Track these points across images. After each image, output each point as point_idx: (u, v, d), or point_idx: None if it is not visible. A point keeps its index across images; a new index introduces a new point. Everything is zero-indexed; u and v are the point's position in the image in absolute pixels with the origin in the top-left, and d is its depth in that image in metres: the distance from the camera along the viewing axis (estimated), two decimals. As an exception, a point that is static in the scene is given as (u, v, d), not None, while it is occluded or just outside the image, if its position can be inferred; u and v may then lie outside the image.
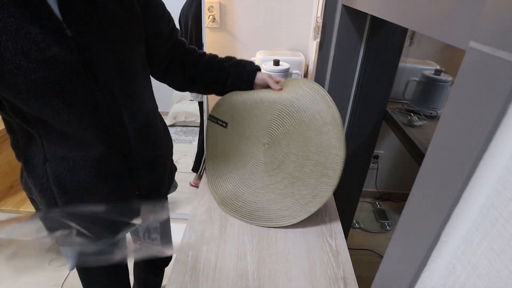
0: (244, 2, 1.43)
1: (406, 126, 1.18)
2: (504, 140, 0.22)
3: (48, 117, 0.54)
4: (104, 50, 0.56)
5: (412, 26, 0.48)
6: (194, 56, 0.81)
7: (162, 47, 0.73)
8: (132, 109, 0.65)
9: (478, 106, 0.24)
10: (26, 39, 0.47)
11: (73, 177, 0.60)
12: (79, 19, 0.53)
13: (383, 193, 1.98)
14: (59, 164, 0.59)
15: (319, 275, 0.59)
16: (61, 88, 0.52)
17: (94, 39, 0.55)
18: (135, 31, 0.63)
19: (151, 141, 0.73)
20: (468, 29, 0.31)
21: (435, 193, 0.30)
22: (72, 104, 0.54)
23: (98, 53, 0.55)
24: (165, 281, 1.25)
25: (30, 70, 0.48)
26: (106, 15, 0.56)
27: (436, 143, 0.30)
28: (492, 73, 0.23)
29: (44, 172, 0.59)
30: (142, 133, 0.69)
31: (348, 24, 1.06)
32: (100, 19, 0.55)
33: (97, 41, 0.55)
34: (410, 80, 1.34)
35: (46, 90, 0.51)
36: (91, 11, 0.54)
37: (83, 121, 0.57)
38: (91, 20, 0.54)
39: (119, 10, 0.58)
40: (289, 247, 0.64)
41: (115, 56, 0.58)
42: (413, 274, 0.32)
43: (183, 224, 0.74)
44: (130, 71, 0.63)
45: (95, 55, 0.55)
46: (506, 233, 0.22)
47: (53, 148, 0.58)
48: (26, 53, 0.47)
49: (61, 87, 0.52)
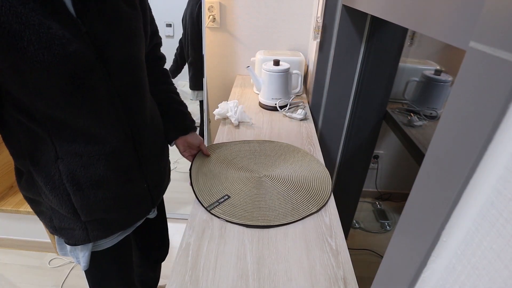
0: (244, 2, 1.43)
1: (406, 126, 1.18)
2: (504, 140, 0.22)
3: (64, 114, 0.55)
4: (115, 45, 0.58)
5: (412, 26, 0.48)
6: (157, 71, 0.85)
7: (146, 46, 0.75)
8: (142, 101, 0.68)
9: (478, 106, 0.24)
10: (48, 34, 0.48)
11: (87, 172, 0.61)
12: (91, 15, 0.54)
13: (383, 193, 1.98)
14: (72, 160, 0.59)
15: (319, 275, 0.59)
16: (81, 83, 0.54)
17: (106, 34, 0.56)
18: (139, 27, 0.65)
19: (159, 132, 0.78)
20: (468, 29, 0.31)
21: (435, 193, 0.30)
22: (91, 99, 0.56)
23: (110, 48, 0.57)
24: (165, 281, 1.25)
25: (53, 65, 0.49)
26: (114, 11, 0.58)
27: (436, 143, 0.30)
28: (492, 73, 0.23)
29: (56, 170, 0.59)
30: (151, 124, 0.73)
31: (348, 24, 1.06)
32: (109, 15, 0.57)
33: (109, 36, 0.57)
34: (410, 80, 1.34)
35: (67, 85, 0.52)
36: (101, 7, 0.56)
37: (100, 115, 0.59)
38: (102, 16, 0.56)
39: (124, 6, 0.61)
40: (289, 247, 0.64)
41: (125, 51, 0.61)
42: (413, 274, 0.32)
43: (183, 224, 0.74)
44: (137, 65, 0.66)
45: (107, 50, 0.57)
46: (506, 233, 0.22)
47: (65, 145, 0.58)
48: (49, 48, 0.48)
49: (81, 82, 0.54)
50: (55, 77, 0.50)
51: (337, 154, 1.37)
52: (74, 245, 0.69)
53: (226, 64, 1.60)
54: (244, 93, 1.42)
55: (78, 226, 0.65)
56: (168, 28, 1.50)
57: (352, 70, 1.16)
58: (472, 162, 0.25)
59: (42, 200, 0.64)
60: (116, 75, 0.59)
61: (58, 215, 0.65)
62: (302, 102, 1.32)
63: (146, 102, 0.70)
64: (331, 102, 1.24)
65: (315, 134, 1.09)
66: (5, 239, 1.60)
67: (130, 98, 0.64)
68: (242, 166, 0.89)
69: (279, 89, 1.22)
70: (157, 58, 0.85)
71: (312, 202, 0.77)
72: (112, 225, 0.71)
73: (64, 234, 0.67)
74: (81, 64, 0.52)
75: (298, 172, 0.87)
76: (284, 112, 1.22)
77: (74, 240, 0.67)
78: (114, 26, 0.58)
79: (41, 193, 0.63)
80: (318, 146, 1.02)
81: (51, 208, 0.64)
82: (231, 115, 1.13)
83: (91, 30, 0.54)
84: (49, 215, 0.66)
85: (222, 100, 1.21)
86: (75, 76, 0.52)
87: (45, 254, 1.58)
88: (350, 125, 1.29)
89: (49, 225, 0.67)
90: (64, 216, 0.64)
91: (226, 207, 0.74)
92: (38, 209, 0.68)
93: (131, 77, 0.64)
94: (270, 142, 1.02)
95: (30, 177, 0.62)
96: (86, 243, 0.69)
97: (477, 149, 0.24)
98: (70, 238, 0.67)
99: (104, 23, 0.56)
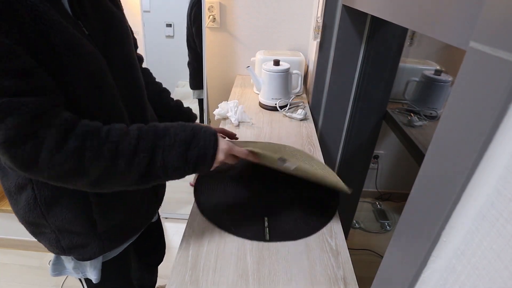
0: (244, 2, 1.43)
1: (406, 126, 1.18)
2: (504, 140, 0.22)
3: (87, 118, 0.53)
4: (113, 46, 0.58)
5: (412, 26, 0.48)
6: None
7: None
8: (143, 101, 0.68)
9: (478, 106, 0.24)
10: (69, 33, 0.47)
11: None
12: (88, 17, 0.54)
13: (383, 193, 1.98)
14: None
15: (319, 275, 0.59)
16: (101, 83, 0.54)
17: (104, 36, 0.56)
18: (128, 27, 0.66)
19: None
20: (468, 29, 0.31)
21: (435, 193, 0.30)
22: (109, 100, 0.56)
23: (110, 49, 0.57)
24: (165, 281, 1.25)
25: (77, 66, 0.49)
26: (107, 12, 0.59)
27: (436, 143, 0.30)
28: (492, 73, 0.23)
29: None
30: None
31: (348, 24, 1.06)
32: (103, 17, 0.57)
33: (106, 38, 0.57)
34: (410, 80, 1.34)
35: (92, 85, 0.52)
36: (95, 10, 0.56)
37: (115, 118, 0.58)
38: (98, 18, 0.56)
39: (113, 8, 0.61)
40: (289, 247, 0.64)
41: (121, 52, 0.61)
42: (413, 274, 0.32)
43: (183, 224, 0.74)
44: (134, 65, 0.66)
45: (108, 50, 0.57)
46: (506, 233, 0.22)
47: None
48: (72, 49, 0.48)
49: (101, 82, 0.54)
50: (79, 79, 0.50)
51: (337, 154, 1.37)
52: (88, 260, 0.66)
53: (226, 64, 1.60)
54: (244, 93, 1.42)
55: (92, 240, 0.63)
56: (168, 28, 1.50)
57: (352, 70, 1.16)
58: (472, 162, 0.24)
59: (45, 223, 0.59)
60: (119, 76, 0.59)
61: (68, 234, 0.61)
62: (302, 102, 1.32)
63: (146, 102, 0.70)
64: (331, 102, 1.24)
65: (315, 134, 1.09)
66: (5, 239, 1.60)
67: (133, 99, 0.64)
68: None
69: (279, 89, 1.22)
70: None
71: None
72: (125, 231, 0.70)
73: (75, 252, 0.64)
74: (97, 64, 0.52)
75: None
76: (284, 112, 1.22)
77: (88, 255, 0.64)
78: (109, 27, 0.58)
79: (46, 214, 0.58)
80: (318, 146, 1.02)
81: (58, 229, 0.60)
82: (231, 115, 1.13)
83: (92, 31, 0.54)
84: (54, 237, 0.61)
85: (222, 100, 1.21)
86: (97, 76, 0.53)
87: (45, 254, 1.58)
88: (350, 125, 1.29)
89: (55, 246, 0.63)
90: (76, 233, 0.61)
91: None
92: (39, 231, 0.62)
93: (131, 77, 0.64)
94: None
95: (32, 198, 0.57)
96: (100, 255, 0.67)
97: (477, 149, 0.24)
98: (82, 254, 0.64)
99: (101, 25, 0.56)
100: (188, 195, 1.77)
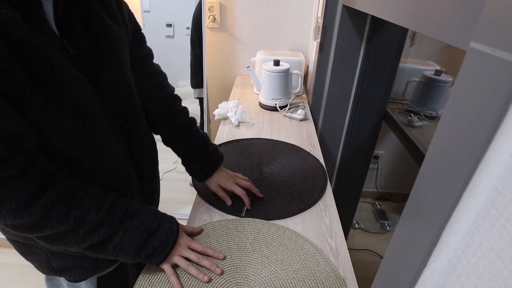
0: (244, 2, 1.43)
1: (406, 126, 1.18)
2: (504, 140, 0.22)
3: (73, 149, 0.50)
4: (105, 66, 0.54)
5: (413, 26, 0.48)
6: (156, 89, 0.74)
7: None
8: (138, 123, 0.64)
9: (479, 107, 0.24)
10: (46, 56, 0.43)
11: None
12: (77, 35, 0.49)
13: (383, 193, 1.98)
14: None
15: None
16: (84, 110, 0.49)
17: (95, 55, 0.51)
18: (125, 43, 0.60)
19: (154, 146, 0.73)
20: (469, 29, 0.31)
21: (435, 193, 0.30)
22: (93, 130, 0.52)
23: (100, 70, 0.53)
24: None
25: (55, 93, 0.44)
26: (102, 28, 0.53)
27: (436, 143, 0.30)
28: (493, 73, 0.23)
29: None
30: (150, 142, 0.69)
31: (348, 24, 1.06)
32: (97, 33, 0.52)
33: (98, 56, 0.52)
34: (410, 81, 1.34)
35: (75, 116, 0.48)
36: (87, 26, 0.50)
37: (109, 147, 0.54)
38: (89, 35, 0.51)
39: (110, 22, 0.55)
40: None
41: (115, 71, 0.56)
42: (413, 274, 0.32)
43: (183, 224, 0.74)
44: (129, 84, 0.61)
45: (98, 72, 0.52)
46: (506, 233, 0.22)
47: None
48: (52, 72, 0.43)
49: (88, 110, 0.49)
50: (59, 108, 0.46)
51: (337, 154, 1.37)
52: (80, 281, 0.62)
53: (226, 64, 1.60)
54: (244, 93, 1.42)
55: (86, 262, 0.60)
56: (168, 28, 1.50)
57: (352, 70, 1.16)
58: (472, 162, 0.25)
59: (37, 244, 0.56)
60: (110, 98, 0.55)
61: (60, 256, 0.58)
62: (302, 102, 1.32)
63: (142, 122, 0.66)
64: (331, 102, 1.24)
65: (315, 134, 1.09)
66: (5, 239, 1.60)
67: (127, 122, 0.59)
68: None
69: (279, 89, 1.22)
70: (160, 86, 0.75)
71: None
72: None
73: (66, 273, 0.61)
74: (81, 92, 0.48)
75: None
76: (284, 112, 1.22)
77: (80, 276, 0.61)
78: (102, 45, 0.53)
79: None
80: (318, 146, 1.02)
81: (50, 251, 0.58)
82: (231, 115, 1.13)
83: (78, 51, 0.49)
84: (45, 258, 0.58)
85: (222, 100, 1.21)
86: (78, 106, 0.48)
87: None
88: (350, 125, 1.29)
89: (45, 266, 0.60)
90: (70, 256, 0.58)
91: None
92: (28, 250, 0.59)
93: (125, 98, 0.59)
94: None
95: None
96: (94, 275, 0.63)
97: (477, 149, 0.24)
98: (74, 275, 0.61)
99: (92, 43, 0.51)
100: (187, 195, 1.77)
